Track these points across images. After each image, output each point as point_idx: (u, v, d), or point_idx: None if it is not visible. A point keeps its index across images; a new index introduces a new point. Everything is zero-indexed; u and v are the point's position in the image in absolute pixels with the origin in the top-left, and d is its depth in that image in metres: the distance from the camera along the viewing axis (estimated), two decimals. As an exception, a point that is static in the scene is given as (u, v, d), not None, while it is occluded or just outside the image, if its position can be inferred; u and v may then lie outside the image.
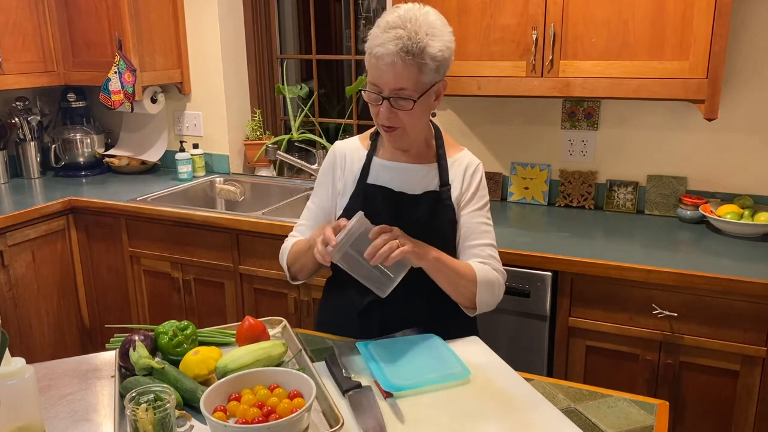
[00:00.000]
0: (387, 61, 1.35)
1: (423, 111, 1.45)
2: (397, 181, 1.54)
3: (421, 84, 1.40)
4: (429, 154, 1.57)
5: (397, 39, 1.34)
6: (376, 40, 1.37)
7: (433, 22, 1.38)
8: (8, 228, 2.62)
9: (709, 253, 2.05)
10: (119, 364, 1.30)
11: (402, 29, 1.35)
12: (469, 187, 1.55)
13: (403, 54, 1.34)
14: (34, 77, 3.02)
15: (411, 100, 1.39)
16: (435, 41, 1.37)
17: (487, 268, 1.51)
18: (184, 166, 3.17)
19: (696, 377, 1.95)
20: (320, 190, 1.63)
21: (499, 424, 1.15)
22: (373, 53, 1.37)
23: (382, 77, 1.38)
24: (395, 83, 1.37)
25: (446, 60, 1.42)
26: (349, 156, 1.59)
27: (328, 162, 1.63)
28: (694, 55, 1.98)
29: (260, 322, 1.39)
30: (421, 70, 1.37)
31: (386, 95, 1.40)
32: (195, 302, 2.73)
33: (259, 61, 3.34)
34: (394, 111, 1.41)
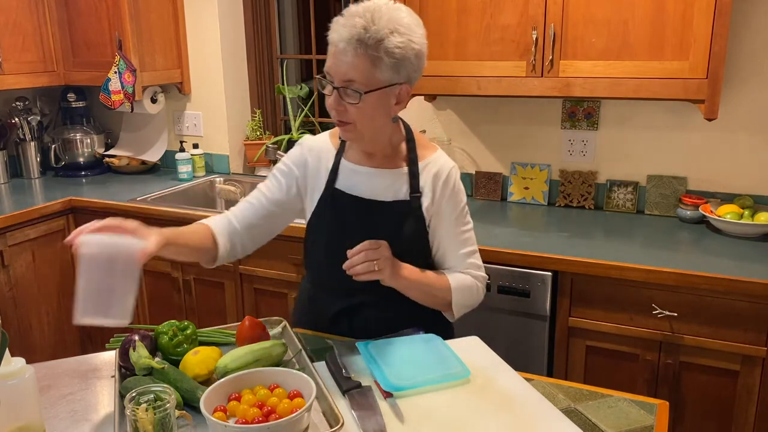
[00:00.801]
0: (339, 48, 1.30)
1: (375, 111, 1.36)
2: (365, 187, 1.48)
3: (374, 79, 1.31)
4: (398, 158, 1.49)
5: (352, 26, 1.28)
6: (334, 26, 1.32)
7: (399, 18, 1.31)
8: (8, 228, 2.62)
9: (709, 253, 2.05)
10: (119, 364, 1.30)
11: (361, 18, 1.29)
12: (442, 197, 1.49)
13: (356, 43, 1.28)
14: (34, 77, 3.02)
15: (358, 93, 1.31)
16: (395, 36, 1.29)
17: (462, 275, 1.51)
18: (184, 166, 3.17)
19: (696, 377, 1.95)
20: (280, 181, 1.55)
21: (499, 424, 1.15)
22: (330, 39, 1.32)
23: (334, 65, 1.33)
24: (345, 73, 1.31)
25: (407, 59, 1.32)
26: (318, 155, 1.53)
27: (296, 157, 1.55)
28: (694, 55, 1.98)
29: (260, 322, 1.39)
30: (374, 65, 1.29)
31: (336, 85, 1.33)
32: (195, 302, 2.73)
33: (259, 61, 3.34)
34: (342, 103, 1.34)
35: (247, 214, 1.54)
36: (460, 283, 1.50)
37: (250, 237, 1.54)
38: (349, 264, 1.34)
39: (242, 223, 1.52)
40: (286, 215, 1.58)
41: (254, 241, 1.56)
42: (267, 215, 1.54)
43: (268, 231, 1.58)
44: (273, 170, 1.58)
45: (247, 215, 1.53)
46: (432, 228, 1.50)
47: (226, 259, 1.52)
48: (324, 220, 1.51)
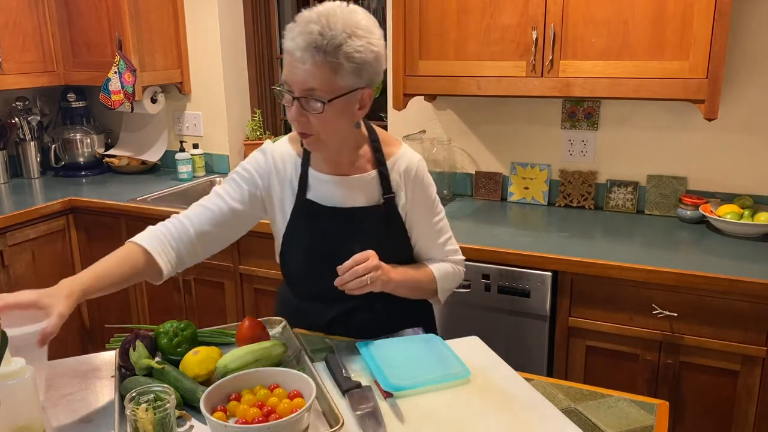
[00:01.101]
0: (296, 57, 1.24)
1: (338, 118, 1.32)
2: (338, 196, 1.45)
3: (335, 86, 1.27)
4: (365, 161, 1.46)
5: (308, 33, 1.23)
6: (289, 34, 1.27)
7: (356, 21, 1.26)
8: (8, 228, 2.62)
9: (709, 253, 2.05)
10: (119, 364, 1.30)
11: (316, 24, 1.23)
12: (414, 193, 1.49)
13: (314, 50, 1.23)
14: (34, 77, 3.02)
15: (321, 102, 1.27)
16: (354, 40, 1.24)
17: (443, 264, 1.55)
18: (184, 166, 3.17)
19: (696, 377, 1.95)
20: (242, 187, 1.48)
21: (499, 424, 1.15)
22: (285, 48, 1.27)
23: (292, 75, 1.27)
24: (304, 82, 1.26)
25: (368, 64, 1.28)
26: (283, 164, 1.47)
27: (260, 165, 1.48)
28: (694, 55, 1.98)
29: (260, 322, 1.39)
30: (335, 71, 1.25)
31: (296, 95, 1.28)
32: (195, 302, 2.73)
33: (259, 61, 3.34)
34: (305, 114, 1.29)
35: (203, 219, 1.45)
36: (442, 272, 1.54)
37: (202, 245, 1.45)
38: (341, 281, 1.31)
39: (197, 229, 1.43)
40: (244, 224, 1.51)
41: (206, 249, 1.47)
42: (224, 223, 1.46)
43: (223, 239, 1.50)
44: (232, 175, 1.50)
45: (203, 221, 1.45)
46: (408, 224, 1.51)
47: (172, 273, 1.42)
48: (301, 232, 1.48)
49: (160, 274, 1.40)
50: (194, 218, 1.45)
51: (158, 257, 1.38)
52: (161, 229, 1.43)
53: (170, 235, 1.42)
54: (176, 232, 1.42)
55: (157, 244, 1.39)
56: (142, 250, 1.38)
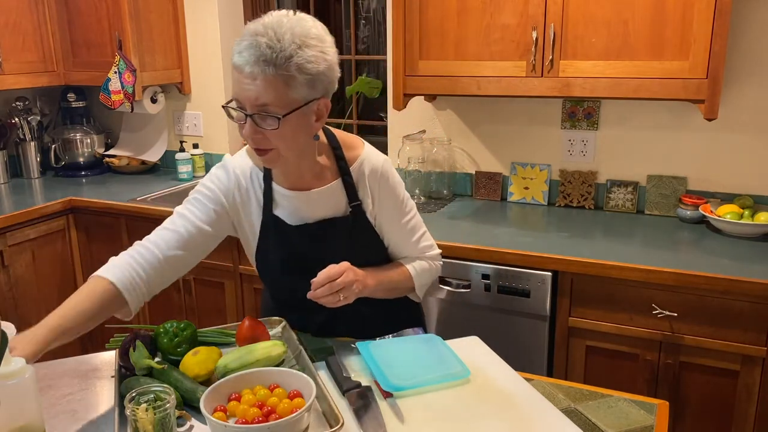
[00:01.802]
0: (246, 73, 1.19)
1: (296, 132, 1.27)
2: (305, 211, 1.42)
3: (289, 100, 1.22)
4: (329, 171, 1.42)
5: (256, 47, 1.18)
6: (236, 48, 1.21)
7: (306, 31, 1.21)
8: (8, 228, 2.62)
9: (709, 253, 2.05)
10: (119, 364, 1.30)
11: (263, 36, 1.18)
12: (381, 196, 1.45)
13: (263, 64, 1.17)
14: (34, 77, 3.02)
15: (276, 117, 1.21)
16: (305, 50, 1.19)
17: (418, 262, 1.54)
18: (184, 166, 3.17)
19: (696, 377, 1.95)
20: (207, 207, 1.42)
21: (499, 424, 1.15)
22: (234, 63, 1.21)
23: (242, 92, 1.22)
24: (256, 98, 1.21)
25: (322, 74, 1.23)
26: (247, 180, 1.44)
27: (222, 183, 1.43)
28: (694, 55, 1.98)
29: (260, 322, 1.39)
30: (287, 84, 1.20)
31: (249, 112, 1.23)
32: (195, 302, 2.73)
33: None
34: (260, 131, 1.24)
35: (170, 243, 1.37)
36: (418, 270, 1.53)
37: (172, 270, 1.39)
38: (313, 296, 1.29)
39: (165, 255, 1.36)
40: (211, 244, 1.45)
41: (175, 273, 1.40)
42: (192, 245, 1.40)
43: (191, 261, 1.43)
44: (195, 194, 1.44)
45: (171, 245, 1.37)
46: (379, 227, 1.49)
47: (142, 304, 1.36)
48: (272, 247, 1.47)
49: (128, 311, 1.34)
50: (161, 243, 1.37)
51: (126, 293, 1.31)
52: (127, 260, 1.34)
53: (138, 265, 1.34)
54: (144, 262, 1.34)
55: (125, 278, 1.31)
56: (110, 285, 1.30)
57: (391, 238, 1.52)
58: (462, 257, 2.13)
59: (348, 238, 1.45)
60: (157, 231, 1.40)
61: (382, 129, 3.05)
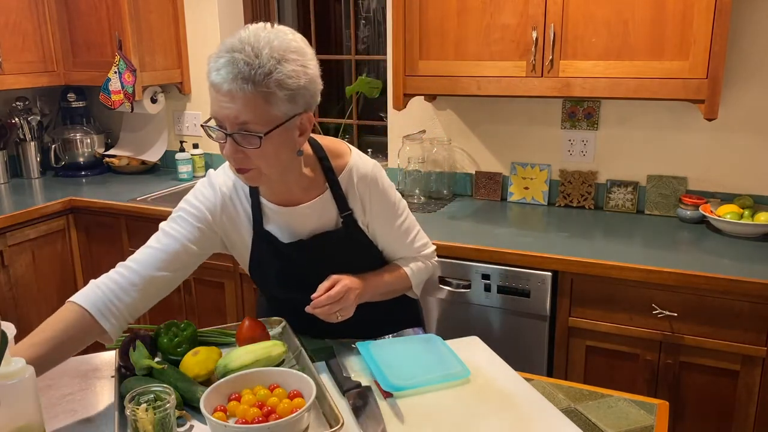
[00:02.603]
0: (224, 91, 1.14)
1: (279, 148, 1.22)
2: (296, 226, 1.40)
3: (270, 117, 1.17)
4: (316, 184, 1.39)
5: (233, 64, 1.13)
6: (212, 65, 1.17)
7: (285, 44, 1.17)
8: (8, 228, 2.62)
9: (709, 253, 2.05)
10: (119, 364, 1.30)
11: (240, 53, 1.14)
12: (371, 202, 1.43)
13: (241, 81, 1.13)
14: (34, 77, 3.02)
15: (257, 136, 1.17)
16: (284, 65, 1.15)
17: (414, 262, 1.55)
18: (184, 166, 3.17)
19: (696, 377, 1.95)
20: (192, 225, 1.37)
21: (499, 423, 1.15)
22: (211, 81, 1.17)
23: (221, 111, 1.17)
24: (236, 117, 1.16)
25: (303, 88, 1.19)
26: (234, 196, 1.40)
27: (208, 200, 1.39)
28: (694, 55, 1.98)
29: (260, 322, 1.39)
30: (267, 101, 1.16)
31: (229, 131, 1.18)
32: (195, 302, 2.73)
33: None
34: (240, 150, 1.20)
35: (155, 263, 1.32)
36: (414, 270, 1.54)
37: (155, 289, 1.33)
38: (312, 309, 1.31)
39: (148, 275, 1.31)
40: (196, 262, 1.42)
41: (159, 293, 1.35)
42: (178, 264, 1.35)
43: (176, 280, 1.38)
44: (179, 212, 1.39)
45: (155, 265, 1.32)
46: (372, 233, 1.48)
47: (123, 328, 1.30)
48: (266, 261, 1.45)
49: (109, 338, 1.28)
50: (145, 263, 1.32)
51: (102, 318, 1.25)
52: (107, 282, 1.29)
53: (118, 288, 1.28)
54: (126, 283, 1.29)
55: (99, 303, 1.26)
56: (82, 311, 1.26)
57: (386, 242, 1.51)
58: (462, 257, 2.14)
59: (342, 248, 1.44)
60: (141, 250, 1.35)
61: (382, 129, 3.04)
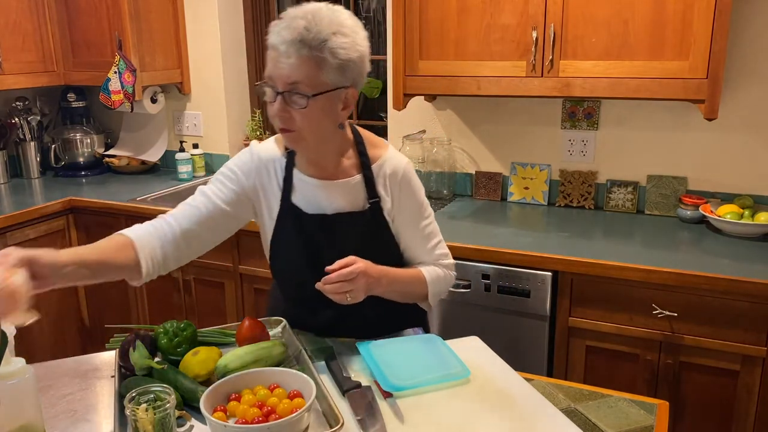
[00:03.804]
0: (281, 51, 1.24)
1: (322, 115, 1.31)
2: (323, 201, 1.44)
3: (319, 82, 1.26)
4: (350, 165, 1.45)
5: (293, 28, 1.24)
6: (274, 29, 1.27)
7: (342, 21, 1.28)
8: (8, 228, 2.62)
9: (709, 253, 2.05)
10: (119, 364, 1.30)
11: (302, 19, 1.25)
12: (400, 197, 1.47)
13: (299, 44, 1.23)
14: (34, 77, 3.02)
15: (305, 96, 1.26)
16: (339, 37, 1.25)
17: (433, 268, 1.53)
18: (184, 166, 3.17)
19: (696, 377, 1.95)
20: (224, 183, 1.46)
21: (499, 424, 1.15)
22: (270, 43, 1.27)
23: (276, 69, 1.26)
24: (288, 76, 1.25)
25: (352, 62, 1.28)
26: (269, 163, 1.47)
27: (246, 165, 1.47)
28: (694, 55, 1.98)
29: (260, 322, 1.39)
30: (319, 66, 1.25)
31: (280, 89, 1.27)
32: (195, 302, 2.73)
33: (259, 62, 3.34)
34: (287, 109, 1.28)
35: (190, 219, 1.40)
36: (434, 276, 1.52)
37: (187, 245, 1.41)
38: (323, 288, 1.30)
39: (183, 229, 1.39)
40: (230, 226, 1.48)
41: (191, 250, 1.43)
42: (211, 223, 1.43)
43: (209, 240, 1.46)
44: (218, 175, 1.48)
45: (191, 220, 1.40)
46: (395, 229, 1.49)
47: (154, 275, 1.37)
48: (286, 237, 1.47)
49: (139, 274, 1.34)
50: (180, 217, 1.41)
51: (141, 252, 1.33)
52: (147, 227, 1.38)
53: (156, 233, 1.37)
54: (162, 232, 1.38)
55: (143, 239, 1.34)
56: (127, 240, 1.33)
57: (407, 242, 1.52)
58: (462, 257, 2.13)
59: (363, 233, 1.45)
60: (179, 206, 1.44)
61: (382, 129, 3.05)
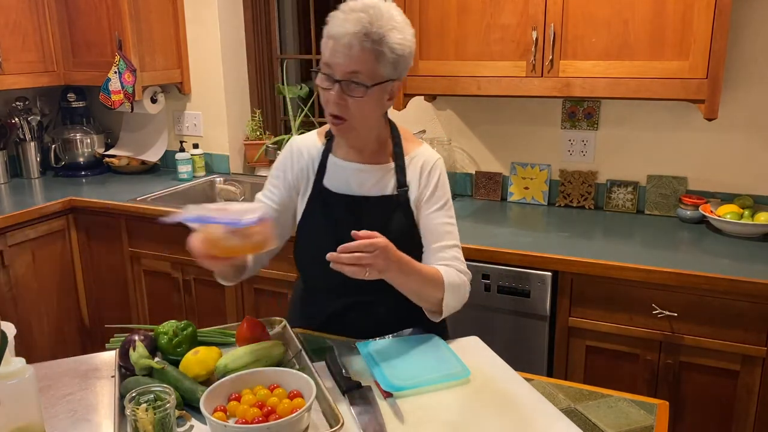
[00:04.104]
0: (344, 42, 1.31)
1: (374, 105, 1.39)
2: (353, 183, 1.49)
3: (376, 74, 1.34)
4: (385, 153, 1.51)
5: (357, 21, 1.30)
6: (335, 21, 1.33)
7: (395, 17, 1.35)
8: (8, 228, 2.62)
9: (709, 253, 2.05)
10: (119, 364, 1.30)
11: (364, 13, 1.31)
12: (427, 187, 1.50)
13: (362, 36, 1.30)
14: (34, 77, 3.02)
15: (363, 86, 1.33)
16: (396, 33, 1.33)
17: (452, 271, 1.46)
18: (184, 166, 3.17)
19: (696, 377, 1.95)
20: (274, 184, 1.56)
21: (499, 424, 1.15)
22: (331, 33, 1.33)
23: (336, 58, 1.33)
24: (349, 66, 1.32)
25: (404, 57, 1.37)
26: (305, 152, 1.54)
27: (284, 157, 1.57)
28: (694, 55, 1.98)
29: (260, 322, 1.39)
30: (378, 59, 1.33)
31: (338, 78, 1.34)
32: (195, 302, 2.73)
33: (259, 61, 3.34)
34: (344, 97, 1.35)
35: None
36: (452, 282, 1.43)
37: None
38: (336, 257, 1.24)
39: None
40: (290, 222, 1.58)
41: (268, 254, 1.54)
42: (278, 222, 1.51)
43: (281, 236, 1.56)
44: (269, 178, 1.58)
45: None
46: (418, 220, 1.50)
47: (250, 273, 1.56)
48: (313, 219, 1.51)
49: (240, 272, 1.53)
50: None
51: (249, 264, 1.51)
52: None
53: None
54: None
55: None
56: None
57: (426, 236, 1.51)
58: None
59: (388, 219, 1.47)
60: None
61: (382, 129, 3.04)
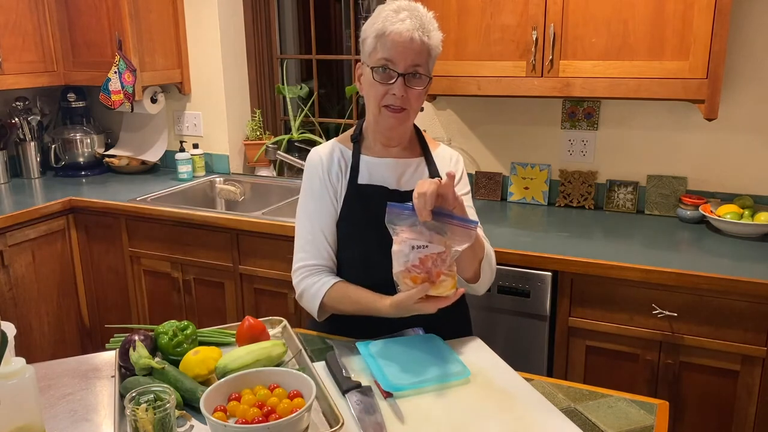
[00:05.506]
0: (406, 37, 1.38)
1: (424, 97, 1.49)
2: (388, 177, 1.54)
3: (429, 67, 1.45)
4: (414, 148, 1.61)
5: (416, 18, 1.40)
6: (391, 19, 1.40)
7: (432, 20, 1.45)
8: (8, 228, 2.62)
9: (709, 253, 2.05)
10: (119, 364, 1.30)
11: (414, 12, 1.41)
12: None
13: (420, 33, 1.39)
14: (34, 77, 3.02)
15: (426, 77, 1.43)
16: (437, 33, 1.44)
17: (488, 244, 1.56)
18: (184, 166, 3.17)
19: (696, 377, 1.95)
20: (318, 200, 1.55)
21: (499, 424, 1.15)
22: (392, 30, 1.39)
23: (398, 52, 1.39)
24: (413, 59, 1.40)
25: (438, 55, 1.48)
26: (334, 157, 1.56)
27: (314, 168, 1.56)
28: (694, 55, 1.98)
29: (260, 322, 1.39)
30: (430, 54, 1.43)
31: (402, 71, 1.41)
32: (195, 302, 2.73)
33: (259, 61, 3.34)
34: (407, 89, 1.42)
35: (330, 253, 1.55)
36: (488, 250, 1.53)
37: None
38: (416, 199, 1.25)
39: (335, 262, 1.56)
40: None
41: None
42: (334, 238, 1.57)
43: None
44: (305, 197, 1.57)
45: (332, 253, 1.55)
46: None
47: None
48: (353, 215, 1.52)
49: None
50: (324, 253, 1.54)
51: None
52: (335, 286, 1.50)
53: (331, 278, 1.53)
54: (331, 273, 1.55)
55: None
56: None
57: None
58: (462, 257, 2.13)
59: None
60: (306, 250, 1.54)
61: (382, 129, 3.04)
